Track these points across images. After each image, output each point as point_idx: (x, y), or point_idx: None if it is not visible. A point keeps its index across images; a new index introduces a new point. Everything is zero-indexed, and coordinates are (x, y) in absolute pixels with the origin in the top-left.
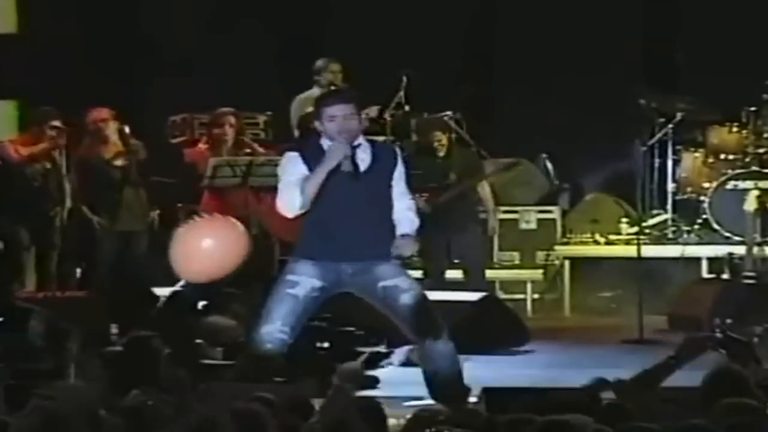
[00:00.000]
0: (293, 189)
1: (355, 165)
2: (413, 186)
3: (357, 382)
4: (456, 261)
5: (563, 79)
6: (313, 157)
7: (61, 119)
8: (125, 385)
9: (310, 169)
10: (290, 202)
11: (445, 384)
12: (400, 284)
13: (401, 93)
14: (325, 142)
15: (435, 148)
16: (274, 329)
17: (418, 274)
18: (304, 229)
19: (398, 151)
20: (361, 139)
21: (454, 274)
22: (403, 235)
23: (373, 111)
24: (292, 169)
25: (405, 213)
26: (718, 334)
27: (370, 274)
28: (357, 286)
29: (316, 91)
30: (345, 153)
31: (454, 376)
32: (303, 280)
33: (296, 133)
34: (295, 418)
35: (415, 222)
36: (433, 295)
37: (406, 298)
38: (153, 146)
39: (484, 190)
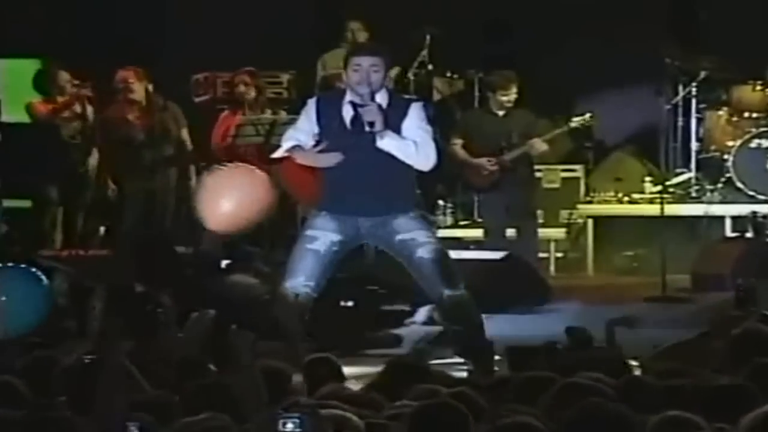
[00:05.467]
0: (286, 144)
1: (371, 122)
2: None
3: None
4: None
5: (587, 37)
6: (331, 104)
7: (73, 76)
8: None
9: (321, 117)
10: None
11: (465, 338)
12: (418, 238)
13: (424, 52)
14: (347, 96)
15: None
16: (298, 283)
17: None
18: (322, 184)
19: (413, 103)
20: (379, 96)
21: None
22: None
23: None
24: (302, 118)
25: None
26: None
27: (387, 227)
28: (375, 239)
29: (339, 51)
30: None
31: (474, 329)
32: (322, 235)
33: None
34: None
35: (410, 148)
36: (458, 254)
37: (422, 252)
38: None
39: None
